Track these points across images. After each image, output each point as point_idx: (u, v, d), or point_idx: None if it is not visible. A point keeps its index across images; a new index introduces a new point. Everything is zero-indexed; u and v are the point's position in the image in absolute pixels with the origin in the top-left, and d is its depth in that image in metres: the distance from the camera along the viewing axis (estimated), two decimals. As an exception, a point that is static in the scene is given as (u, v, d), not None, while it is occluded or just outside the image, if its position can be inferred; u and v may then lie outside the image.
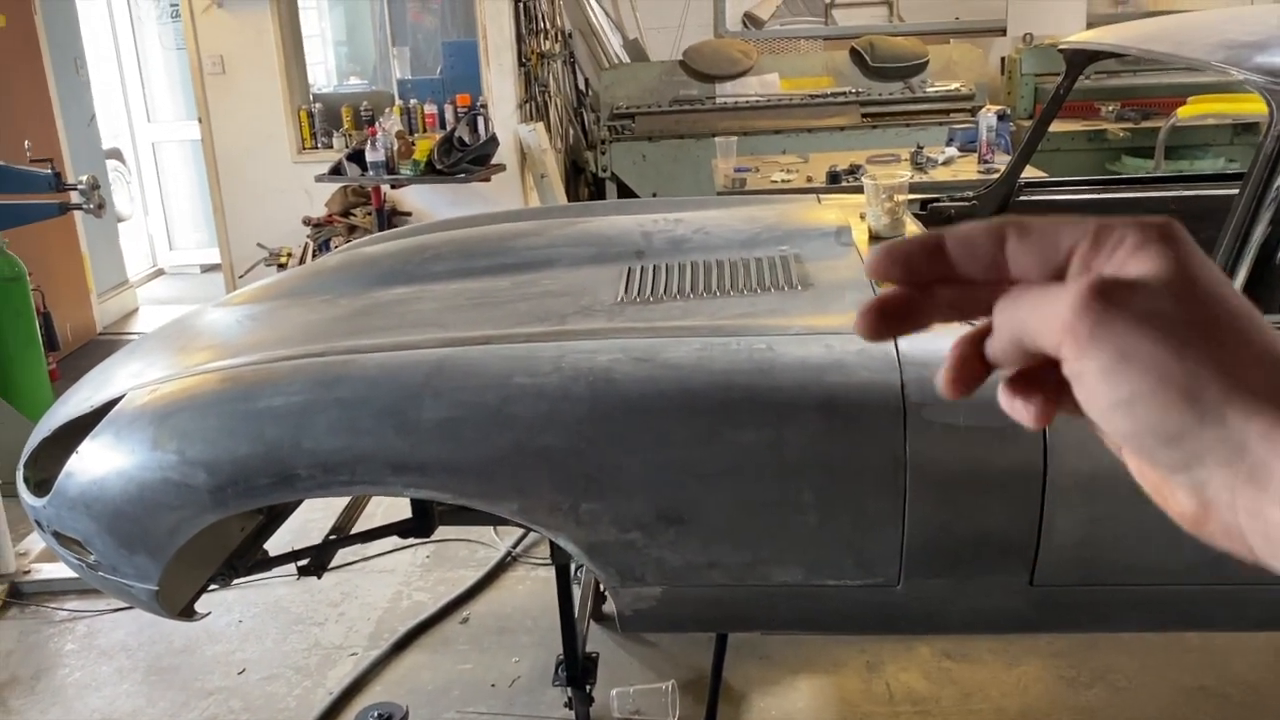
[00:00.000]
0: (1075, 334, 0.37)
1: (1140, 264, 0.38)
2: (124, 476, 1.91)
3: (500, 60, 5.92)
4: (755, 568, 1.92)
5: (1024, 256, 0.40)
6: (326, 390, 1.88)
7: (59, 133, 5.78)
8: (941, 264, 0.41)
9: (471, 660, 2.93)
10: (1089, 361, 0.37)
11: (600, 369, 1.88)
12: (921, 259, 0.41)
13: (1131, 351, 0.36)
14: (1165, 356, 0.36)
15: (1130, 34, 2.53)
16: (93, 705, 2.80)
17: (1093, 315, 0.37)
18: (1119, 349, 0.36)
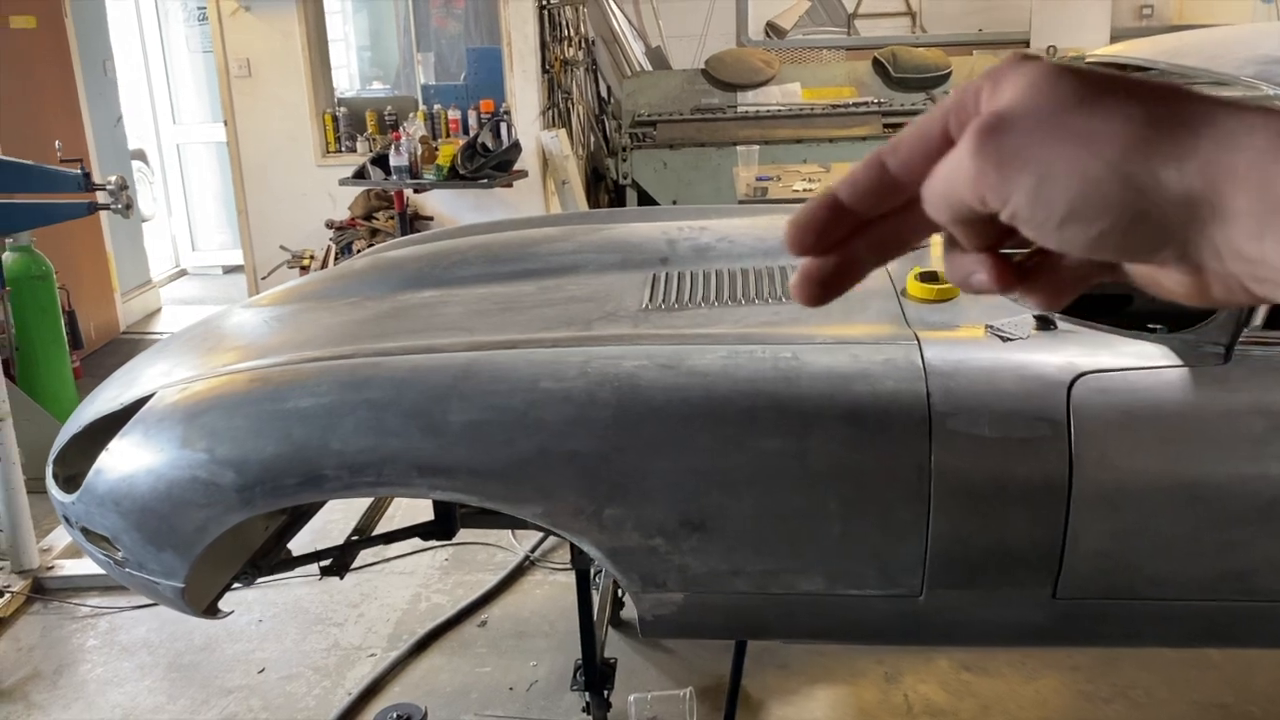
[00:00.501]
0: (986, 178, 0.36)
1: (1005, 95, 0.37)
2: (153, 474, 1.93)
3: (524, 66, 5.95)
4: (778, 576, 1.92)
5: (910, 166, 0.40)
6: (354, 392, 1.90)
7: (86, 133, 5.84)
8: (847, 214, 0.41)
9: (490, 663, 2.94)
10: (1015, 197, 0.36)
11: (626, 375, 1.89)
12: (828, 219, 0.41)
13: (1044, 165, 0.36)
14: (1075, 153, 0.35)
15: (1159, 48, 2.53)
16: (114, 701, 2.83)
17: (990, 150, 0.36)
18: (1033, 171, 0.36)
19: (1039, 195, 0.36)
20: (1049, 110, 0.36)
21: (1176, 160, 0.35)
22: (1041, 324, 1.97)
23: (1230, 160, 0.35)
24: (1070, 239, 0.37)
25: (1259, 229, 0.34)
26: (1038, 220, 0.36)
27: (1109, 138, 0.35)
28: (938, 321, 2.04)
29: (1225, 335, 1.86)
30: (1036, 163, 0.36)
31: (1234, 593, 1.87)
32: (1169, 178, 0.35)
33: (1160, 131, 0.35)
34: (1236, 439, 1.82)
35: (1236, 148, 0.35)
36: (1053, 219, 0.36)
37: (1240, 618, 1.92)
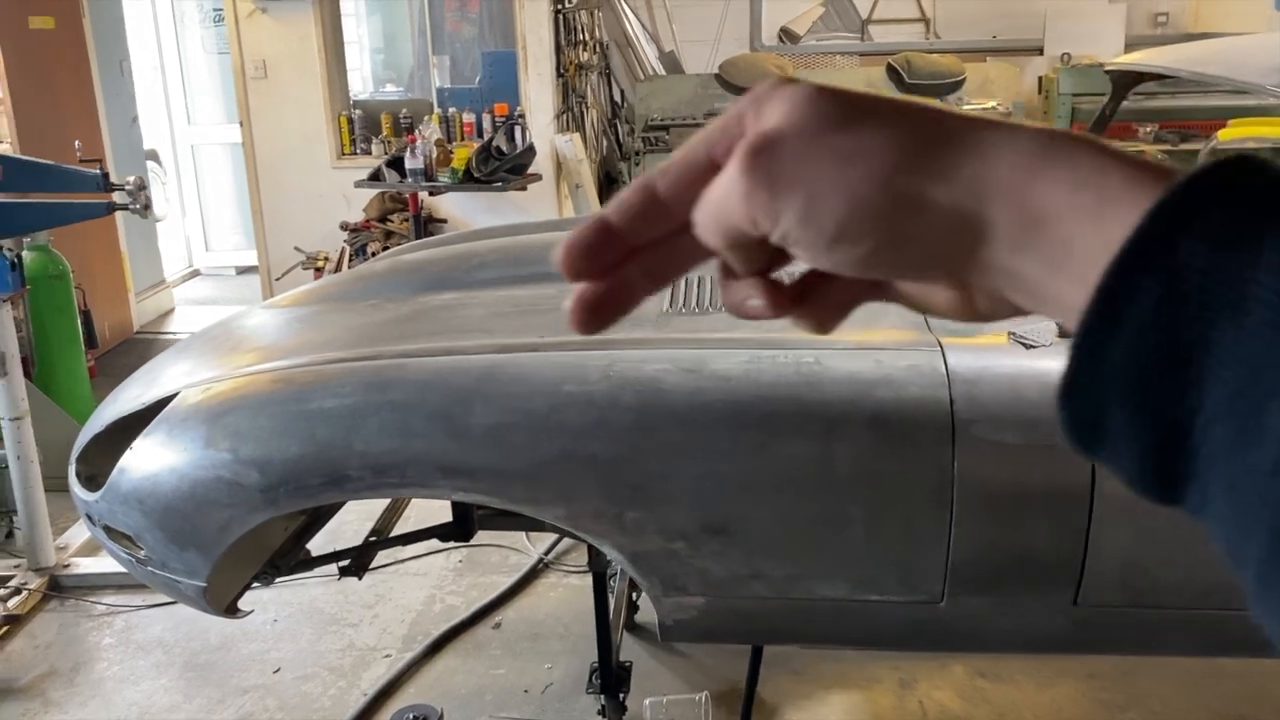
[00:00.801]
0: (756, 198, 0.36)
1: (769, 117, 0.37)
2: (177, 473, 1.94)
3: (539, 70, 5.97)
4: (799, 581, 1.92)
5: (678, 190, 0.39)
6: (378, 393, 1.90)
7: (103, 133, 5.87)
8: (619, 238, 0.40)
9: (504, 665, 2.94)
10: (785, 218, 0.36)
11: (648, 379, 1.89)
12: (598, 242, 0.40)
13: (812, 185, 0.35)
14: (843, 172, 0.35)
15: (1181, 56, 2.53)
16: (130, 699, 2.84)
17: (759, 171, 0.36)
18: (801, 191, 0.35)
19: (808, 215, 0.36)
20: (814, 130, 0.36)
21: (943, 177, 0.35)
22: (1063, 331, 1.97)
23: (992, 175, 0.35)
24: (841, 259, 0.37)
25: (1015, 242, 0.35)
26: (808, 240, 0.36)
27: (875, 156, 0.35)
28: (961, 328, 2.04)
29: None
30: (805, 182, 0.36)
31: (1256, 602, 1.87)
32: (936, 194, 0.35)
33: (926, 149, 0.36)
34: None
35: (998, 162, 0.35)
36: (823, 239, 0.36)
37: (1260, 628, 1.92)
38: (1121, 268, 0.31)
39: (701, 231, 0.39)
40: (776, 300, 0.41)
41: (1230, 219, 0.30)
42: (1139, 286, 0.30)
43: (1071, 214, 0.34)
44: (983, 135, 0.36)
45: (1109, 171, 0.34)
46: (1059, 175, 0.34)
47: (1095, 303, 0.31)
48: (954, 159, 0.35)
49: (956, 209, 0.35)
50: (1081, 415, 0.33)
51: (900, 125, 0.36)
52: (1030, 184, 0.34)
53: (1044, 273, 0.35)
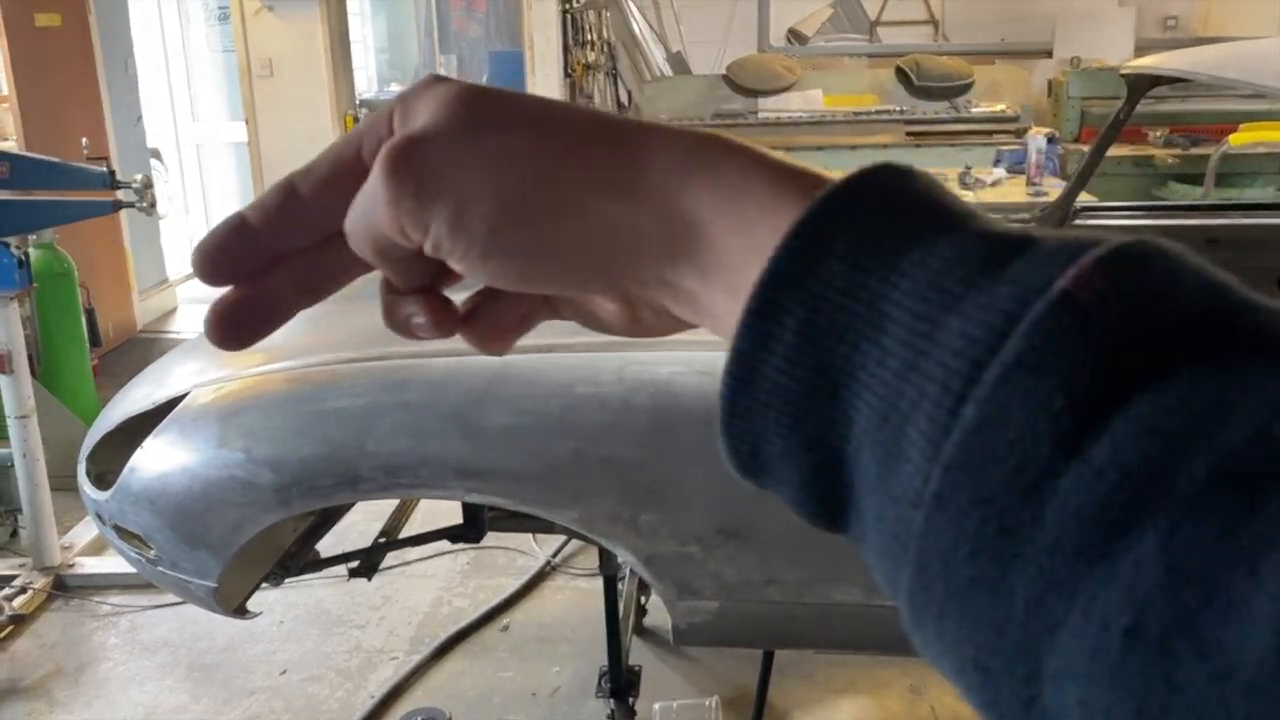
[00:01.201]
0: (403, 205, 0.33)
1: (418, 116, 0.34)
2: (189, 473, 1.93)
3: (546, 71, 5.96)
4: (813, 586, 1.90)
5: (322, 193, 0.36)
6: (392, 393, 1.89)
7: (108, 131, 5.86)
8: (260, 241, 0.37)
9: (512, 668, 2.93)
10: (435, 226, 0.33)
11: (662, 380, 1.88)
12: (234, 243, 0.37)
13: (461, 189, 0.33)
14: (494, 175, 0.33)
15: (1197, 60, 2.51)
16: (136, 700, 2.82)
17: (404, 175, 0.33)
18: (453, 197, 0.33)
19: (458, 223, 0.33)
20: (463, 131, 0.33)
21: (598, 183, 0.33)
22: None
23: (646, 180, 0.33)
24: (496, 270, 0.34)
25: (670, 251, 0.33)
26: (460, 251, 0.33)
27: (528, 158, 0.33)
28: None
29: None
30: (453, 187, 0.33)
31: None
32: (591, 200, 0.33)
33: (581, 152, 0.34)
34: None
35: (651, 167, 0.33)
36: (475, 248, 0.33)
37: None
38: (766, 288, 0.29)
39: (352, 242, 0.36)
40: (441, 318, 0.37)
41: (869, 233, 0.28)
42: (784, 308, 0.29)
43: (720, 222, 0.32)
44: (639, 139, 0.34)
45: (753, 176, 0.32)
46: (707, 180, 0.32)
47: (744, 325, 0.29)
48: (609, 164, 0.33)
49: (612, 216, 0.33)
50: (741, 443, 0.31)
51: (555, 127, 0.34)
52: (681, 189, 0.33)
53: (699, 284, 0.33)
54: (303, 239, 0.37)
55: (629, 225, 0.33)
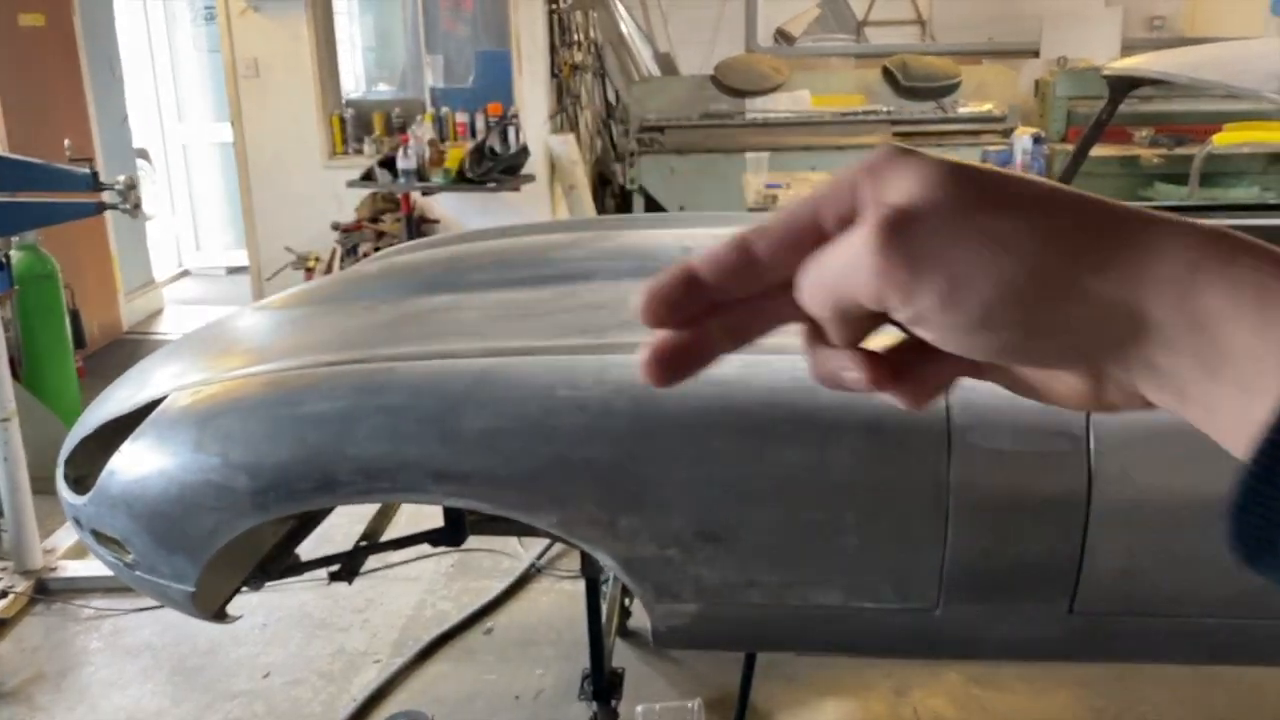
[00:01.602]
0: (893, 277, 0.34)
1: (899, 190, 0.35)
2: (166, 477, 1.92)
3: (533, 70, 5.95)
4: (793, 588, 1.90)
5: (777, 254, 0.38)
6: (370, 397, 1.88)
7: (93, 132, 5.83)
8: (704, 292, 0.39)
9: (495, 671, 2.92)
10: (922, 299, 0.34)
11: (642, 384, 1.87)
12: (683, 294, 0.39)
13: (960, 269, 0.34)
14: (992, 255, 0.34)
15: (1178, 61, 2.52)
16: (118, 703, 2.81)
17: (899, 248, 0.34)
18: (947, 273, 0.34)
19: (951, 299, 0.34)
20: (960, 209, 0.34)
21: (1101, 269, 0.34)
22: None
23: (1153, 271, 0.33)
24: (980, 344, 0.35)
25: (1172, 341, 0.34)
26: (947, 324, 0.34)
27: (1029, 241, 0.34)
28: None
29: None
30: (950, 264, 0.34)
31: (1252, 610, 1.86)
32: (1093, 286, 0.34)
33: (1083, 238, 0.34)
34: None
35: (1160, 258, 0.34)
36: (965, 324, 0.34)
37: (1258, 636, 1.91)
38: None
39: (808, 299, 0.37)
40: (875, 374, 0.39)
41: None
42: None
43: (1234, 316, 0.33)
44: (1143, 228, 0.34)
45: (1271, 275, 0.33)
46: (1222, 274, 0.33)
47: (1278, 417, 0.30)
48: (1113, 250, 0.34)
49: (1113, 303, 0.34)
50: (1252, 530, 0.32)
51: (1054, 211, 0.35)
52: (1193, 282, 0.33)
53: (1198, 374, 0.34)
54: (745, 292, 0.39)
55: (1130, 312, 0.34)
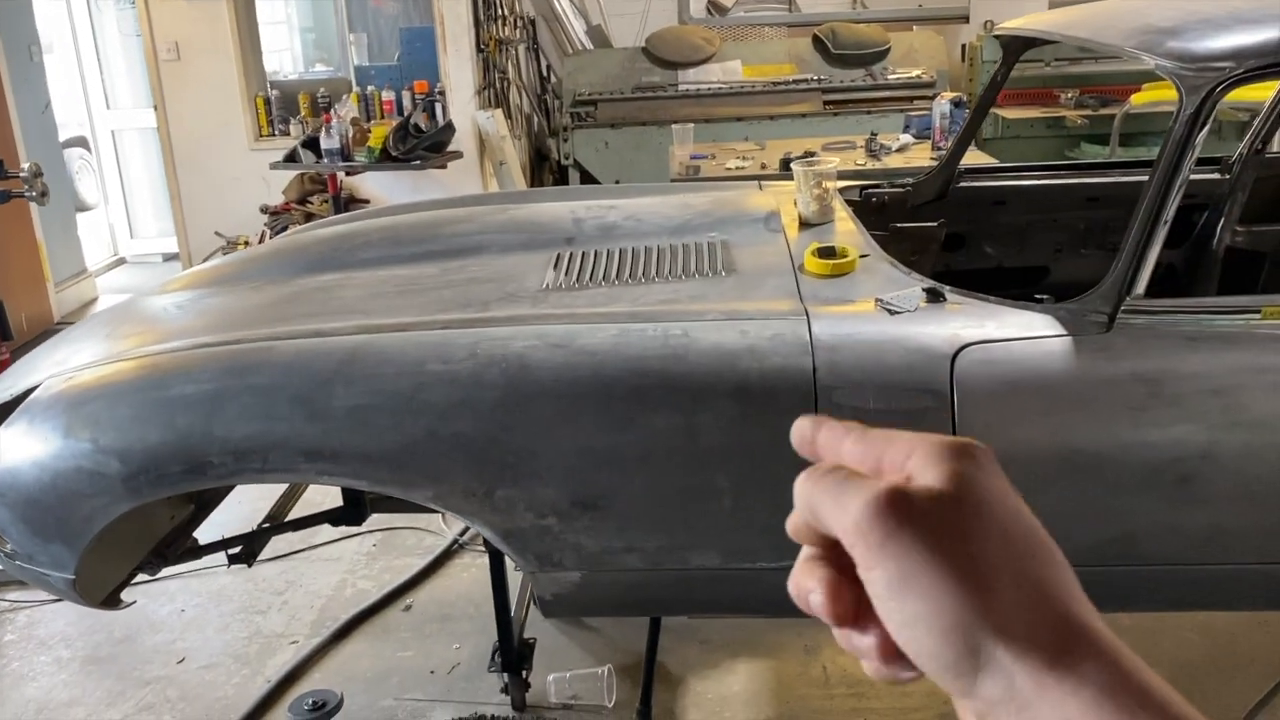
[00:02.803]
0: (867, 541, 0.38)
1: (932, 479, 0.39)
2: (37, 465, 1.90)
3: (457, 46, 5.90)
4: (672, 552, 1.93)
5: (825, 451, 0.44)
6: (238, 377, 1.88)
7: (12, 120, 5.72)
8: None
9: (412, 648, 2.93)
10: (877, 571, 0.38)
11: (514, 355, 1.88)
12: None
13: (913, 572, 0.37)
14: (942, 585, 0.37)
15: (1057, 20, 2.54)
16: (28, 695, 2.79)
17: (884, 527, 0.38)
18: (902, 568, 0.37)
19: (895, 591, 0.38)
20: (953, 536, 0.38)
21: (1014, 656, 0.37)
22: (931, 297, 1.98)
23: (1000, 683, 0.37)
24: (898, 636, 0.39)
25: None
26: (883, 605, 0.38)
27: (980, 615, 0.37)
28: (831, 296, 2.04)
29: (1108, 304, 1.88)
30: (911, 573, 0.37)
31: (1119, 558, 1.90)
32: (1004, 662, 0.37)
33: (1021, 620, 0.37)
34: (1118, 407, 1.84)
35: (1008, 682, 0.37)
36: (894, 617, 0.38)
37: (1126, 582, 1.95)
38: None
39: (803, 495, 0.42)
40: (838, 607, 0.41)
41: None
42: None
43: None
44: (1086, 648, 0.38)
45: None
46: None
47: None
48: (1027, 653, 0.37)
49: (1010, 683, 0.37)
50: None
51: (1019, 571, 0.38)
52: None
53: None
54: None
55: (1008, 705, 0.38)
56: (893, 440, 0.42)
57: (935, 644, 0.37)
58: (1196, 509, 1.87)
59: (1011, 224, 3.09)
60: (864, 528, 0.38)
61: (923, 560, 0.37)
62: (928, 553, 0.37)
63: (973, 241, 3.09)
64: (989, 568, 0.38)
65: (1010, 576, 0.38)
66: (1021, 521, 0.40)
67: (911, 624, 0.38)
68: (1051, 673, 0.36)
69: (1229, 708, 2.53)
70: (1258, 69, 1.81)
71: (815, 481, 0.41)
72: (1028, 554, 0.39)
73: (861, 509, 0.38)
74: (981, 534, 0.38)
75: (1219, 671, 2.70)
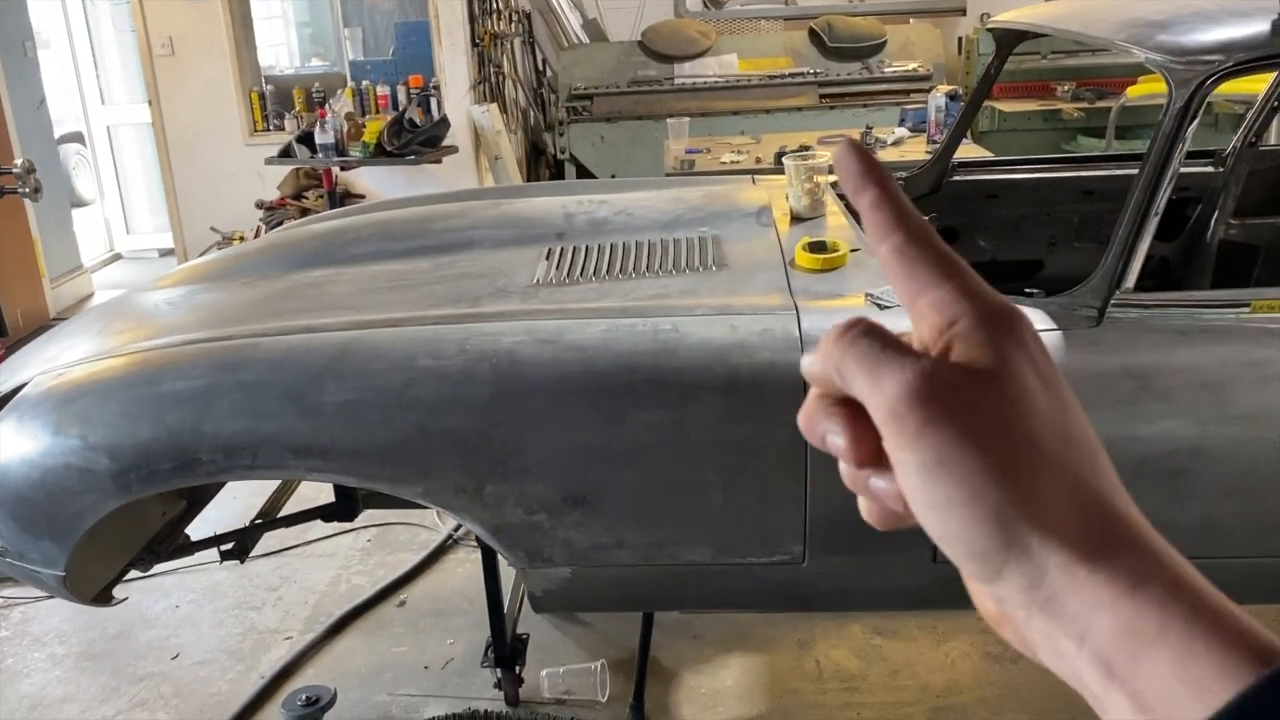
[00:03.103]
0: (903, 424, 0.37)
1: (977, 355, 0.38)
2: (27, 462, 1.90)
3: (452, 40, 5.88)
4: (662, 547, 1.93)
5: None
6: (229, 374, 1.87)
7: (6, 116, 5.71)
8: None
9: (406, 643, 2.93)
10: (909, 455, 0.37)
11: (504, 351, 1.88)
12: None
13: (951, 459, 0.36)
14: (981, 473, 0.36)
15: (1050, 13, 2.54)
16: (22, 691, 2.79)
17: (922, 413, 0.36)
18: (939, 454, 0.36)
19: (929, 477, 0.36)
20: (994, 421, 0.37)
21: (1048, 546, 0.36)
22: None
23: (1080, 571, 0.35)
24: (924, 520, 0.37)
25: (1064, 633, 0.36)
26: (913, 489, 0.37)
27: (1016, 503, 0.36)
28: (822, 291, 2.04)
29: (1098, 298, 1.88)
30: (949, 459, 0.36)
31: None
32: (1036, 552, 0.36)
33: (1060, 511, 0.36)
34: (1108, 401, 1.84)
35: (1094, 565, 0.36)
36: (924, 500, 0.37)
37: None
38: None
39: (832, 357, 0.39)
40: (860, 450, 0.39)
41: None
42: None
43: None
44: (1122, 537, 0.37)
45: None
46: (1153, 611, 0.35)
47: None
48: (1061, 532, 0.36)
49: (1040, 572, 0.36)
50: None
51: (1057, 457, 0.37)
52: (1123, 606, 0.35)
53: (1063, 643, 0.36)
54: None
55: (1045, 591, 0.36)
56: (938, 281, 0.39)
57: (966, 530, 0.36)
58: (1187, 503, 1.87)
59: (1005, 217, 3.09)
60: (900, 410, 0.36)
61: (961, 448, 0.36)
62: (967, 441, 0.36)
63: (966, 235, 3.09)
64: (1029, 456, 0.37)
65: (1050, 466, 0.37)
66: (1066, 409, 0.39)
67: (942, 507, 0.36)
68: (1085, 564, 0.36)
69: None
70: (1247, 62, 1.80)
71: (848, 345, 0.38)
72: (1067, 443, 0.38)
73: (898, 391, 0.37)
74: (1023, 420, 0.37)
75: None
